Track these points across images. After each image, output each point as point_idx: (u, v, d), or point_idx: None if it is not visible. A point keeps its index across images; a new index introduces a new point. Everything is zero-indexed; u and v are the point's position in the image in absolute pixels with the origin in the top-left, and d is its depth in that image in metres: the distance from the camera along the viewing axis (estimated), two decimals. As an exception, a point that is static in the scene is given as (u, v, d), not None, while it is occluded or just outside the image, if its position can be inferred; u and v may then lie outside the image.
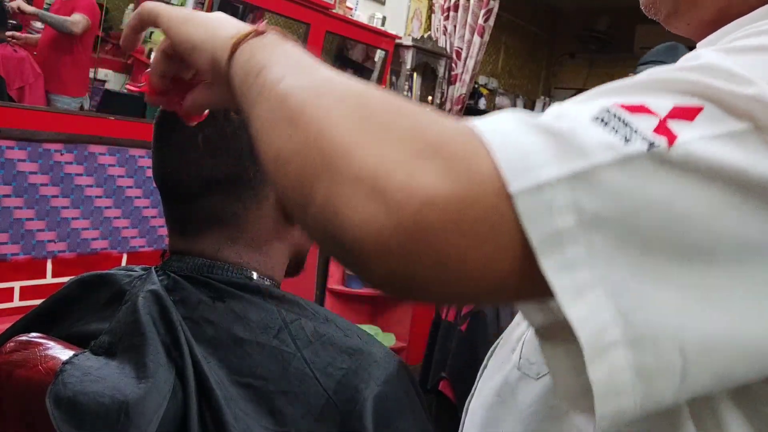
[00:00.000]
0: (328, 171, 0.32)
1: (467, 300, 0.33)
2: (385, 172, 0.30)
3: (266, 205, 0.71)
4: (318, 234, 0.33)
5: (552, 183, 0.29)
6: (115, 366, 0.58)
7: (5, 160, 1.89)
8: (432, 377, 1.95)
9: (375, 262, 0.31)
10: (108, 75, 2.41)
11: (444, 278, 0.31)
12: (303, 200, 0.33)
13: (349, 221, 0.31)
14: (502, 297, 0.34)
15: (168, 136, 0.69)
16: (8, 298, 1.96)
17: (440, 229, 0.29)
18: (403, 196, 0.30)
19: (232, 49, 0.45)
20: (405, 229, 0.29)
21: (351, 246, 0.31)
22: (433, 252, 0.30)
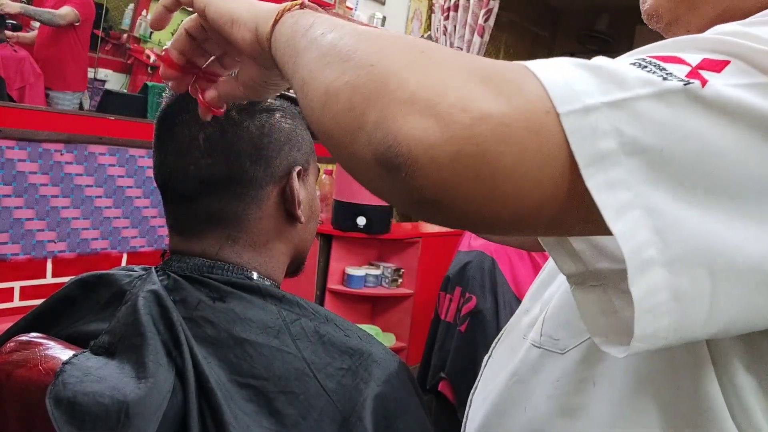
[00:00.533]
0: (381, 95, 0.33)
1: (507, 222, 0.34)
2: (440, 92, 0.32)
3: (267, 206, 0.71)
4: (369, 158, 0.34)
5: (597, 107, 0.32)
6: (115, 366, 0.58)
7: (5, 160, 1.89)
8: (431, 377, 1.95)
9: (426, 174, 0.32)
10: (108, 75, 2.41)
11: (491, 192, 0.32)
12: (353, 129, 0.34)
13: (403, 136, 0.32)
14: (541, 217, 0.34)
15: (169, 135, 0.69)
16: (8, 298, 1.96)
17: (492, 141, 0.31)
18: (456, 112, 0.31)
19: (277, 17, 0.47)
20: (457, 142, 0.31)
21: (403, 161, 0.32)
22: (484, 164, 0.31)
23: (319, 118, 0.38)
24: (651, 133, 0.32)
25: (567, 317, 0.56)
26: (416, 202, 0.33)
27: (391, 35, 0.38)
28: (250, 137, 0.68)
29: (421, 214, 0.35)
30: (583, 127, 0.31)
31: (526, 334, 0.64)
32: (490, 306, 1.80)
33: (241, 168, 0.68)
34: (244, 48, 0.51)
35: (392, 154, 0.32)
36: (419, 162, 0.32)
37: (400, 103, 0.33)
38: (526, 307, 0.69)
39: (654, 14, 0.54)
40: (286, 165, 0.71)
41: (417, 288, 2.92)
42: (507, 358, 0.66)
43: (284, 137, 0.70)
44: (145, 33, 2.45)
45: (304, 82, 0.40)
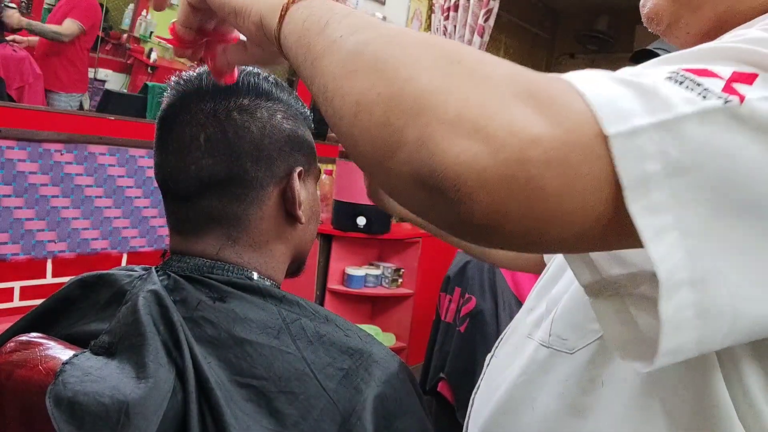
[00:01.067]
0: (421, 113, 0.32)
1: (551, 242, 0.34)
2: (485, 113, 0.31)
3: (267, 206, 0.71)
4: (406, 177, 0.33)
5: (644, 129, 0.31)
6: (115, 366, 0.58)
7: (5, 160, 1.89)
8: (431, 378, 1.95)
9: (476, 199, 0.31)
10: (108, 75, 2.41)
11: (540, 215, 0.32)
12: (389, 145, 0.33)
13: (450, 160, 0.31)
14: (585, 237, 0.34)
15: (170, 135, 0.69)
16: (8, 298, 1.96)
17: (543, 166, 0.31)
18: (506, 135, 0.31)
19: (283, 11, 0.45)
20: (510, 167, 0.31)
21: (450, 184, 0.31)
22: (535, 188, 0.31)
23: (349, 131, 0.36)
24: (693, 154, 0.32)
25: (576, 318, 0.57)
26: (461, 225, 0.33)
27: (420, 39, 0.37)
28: (252, 138, 0.68)
29: (467, 236, 0.34)
30: (630, 150, 0.31)
31: (531, 333, 0.64)
32: (490, 307, 1.80)
33: (242, 168, 0.68)
34: (250, 39, 0.50)
35: (438, 178, 0.31)
36: (469, 187, 0.31)
37: (444, 124, 0.32)
38: (530, 305, 0.69)
39: (654, 17, 0.54)
40: (287, 166, 0.71)
41: (417, 288, 2.92)
42: (511, 357, 0.66)
43: (285, 138, 0.70)
44: (145, 33, 2.45)
45: (326, 89, 0.39)
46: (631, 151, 0.31)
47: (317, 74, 0.40)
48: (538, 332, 0.62)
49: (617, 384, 0.52)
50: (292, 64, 0.45)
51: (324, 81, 0.39)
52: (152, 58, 2.51)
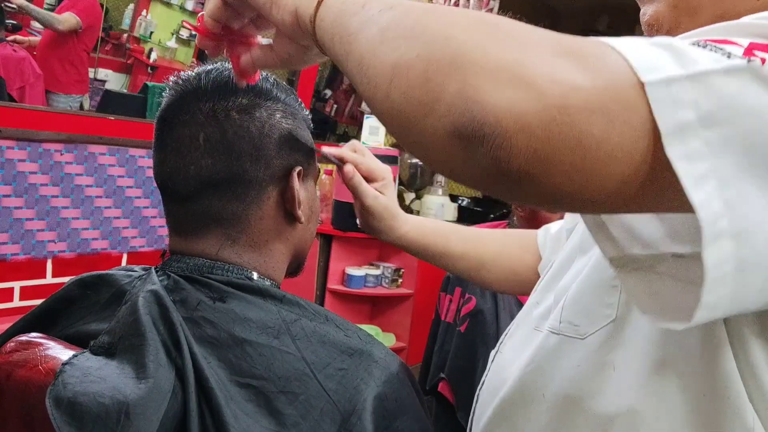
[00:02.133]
0: (462, 67, 0.33)
1: (590, 196, 0.35)
2: (527, 64, 0.33)
3: (267, 206, 0.71)
4: (445, 131, 0.34)
5: (678, 79, 0.33)
6: (115, 366, 0.58)
7: (5, 160, 1.89)
8: (431, 378, 1.95)
9: (516, 144, 0.32)
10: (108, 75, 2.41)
11: (581, 161, 0.33)
12: (427, 102, 0.34)
13: (490, 106, 0.32)
14: (623, 190, 0.35)
15: (169, 135, 0.69)
16: (8, 298, 1.96)
17: (583, 112, 0.32)
18: (547, 83, 0.32)
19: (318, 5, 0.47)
20: (550, 113, 0.32)
21: (489, 131, 0.32)
22: (575, 134, 0.32)
23: (386, 95, 0.37)
24: (723, 106, 0.33)
25: (587, 303, 0.57)
26: (501, 175, 0.33)
27: (457, 9, 0.38)
28: (251, 137, 0.68)
29: (501, 188, 0.35)
30: (665, 97, 0.33)
31: (538, 326, 0.65)
32: (490, 307, 1.79)
33: (242, 168, 0.68)
34: (284, 30, 0.52)
35: (477, 125, 0.32)
36: (509, 132, 0.32)
37: (484, 75, 0.32)
38: (536, 300, 0.70)
39: (654, 23, 0.55)
40: (286, 165, 0.71)
41: (417, 288, 2.92)
42: (518, 350, 0.67)
43: (284, 137, 0.70)
44: (145, 33, 2.45)
45: (362, 60, 0.40)
46: (667, 98, 0.32)
47: (353, 49, 0.42)
48: (546, 323, 0.63)
49: (628, 368, 0.52)
50: (325, 47, 0.47)
51: (360, 53, 0.40)
52: (152, 58, 2.51)
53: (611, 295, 0.55)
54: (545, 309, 0.65)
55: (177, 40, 2.52)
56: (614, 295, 0.55)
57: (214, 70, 0.69)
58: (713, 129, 0.33)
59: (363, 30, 0.41)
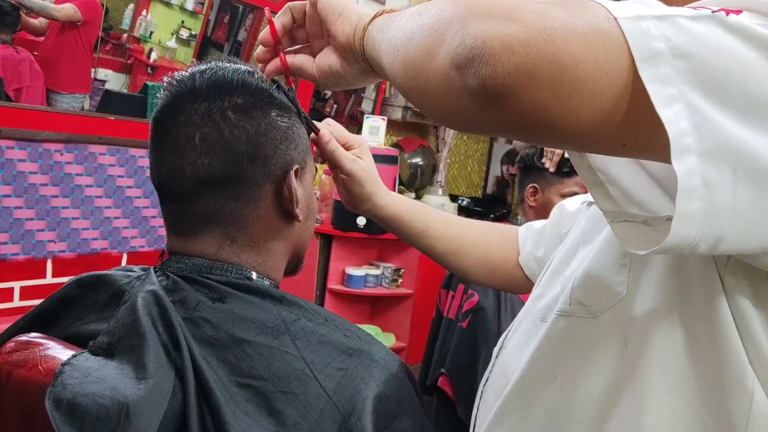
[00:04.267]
0: (462, 15, 0.39)
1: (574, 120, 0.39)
2: (517, 7, 0.38)
3: (264, 205, 0.70)
4: (446, 66, 0.39)
5: (647, 17, 0.38)
6: (115, 366, 0.58)
7: (5, 160, 1.89)
8: (432, 374, 1.95)
9: (499, 59, 0.36)
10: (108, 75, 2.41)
11: (558, 78, 0.37)
12: (433, 46, 0.41)
13: (481, 34, 0.37)
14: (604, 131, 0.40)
15: (165, 135, 0.69)
16: (8, 298, 1.96)
17: (561, 33, 0.36)
18: (529, 14, 0.37)
19: (375, 16, 0.59)
20: (530, 33, 0.36)
21: (478, 51, 0.37)
22: (553, 50, 0.36)
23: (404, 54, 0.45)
24: (692, 43, 0.37)
25: (597, 283, 0.60)
26: (487, 94, 0.37)
27: None
28: (247, 136, 0.68)
29: (490, 111, 0.39)
30: (637, 30, 0.37)
31: (544, 316, 0.67)
32: (492, 304, 1.79)
33: (239, 167, 0.68)
34: (339, 38, 0.63)
35: (468, 50, 0.37)
36: (493, 50, 0.36)
37: (481, 15, 0.38)
38: (539, 293, 0.71)
39: None
40: (283, 164, 0.71)
41: (417, 288, 2.92)
42: (524, 343, 0.68)
43: (281, 136, 0.70)
44: (145, 33, 2.45)
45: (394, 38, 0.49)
46: (638, 30, 0.37)
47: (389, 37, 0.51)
48: (552, 312, 0.64)
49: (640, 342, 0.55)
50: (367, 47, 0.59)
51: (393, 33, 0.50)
52: (152, 58, 2.50)
53: (621, 274, 0.57)
54: (551, 299, 0.67)
55: (177, 40, 2.52)
56: (623, 273, 0.57)
57: (209, 69, 0.69)
58: (683, 60, 0.37)
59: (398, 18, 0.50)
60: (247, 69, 0.71)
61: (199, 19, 2.57)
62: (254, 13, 2.78)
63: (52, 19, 2.23)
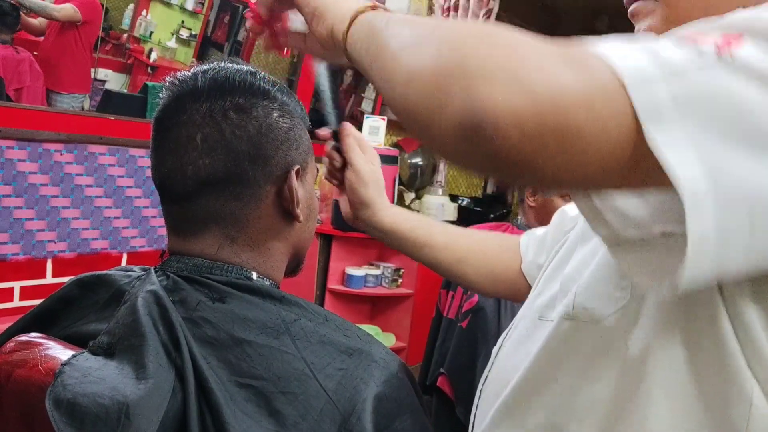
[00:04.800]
0: (465, 72, 0.38)
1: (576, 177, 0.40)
2: (521, 67, 0.37)
3: (265, 205, 0.71)
4: (450, 129, 0.38)
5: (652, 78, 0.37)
6: (115, 366, 0.58)
7: (5, 160, 1.89)
8: (431, 373, 1.96)
9: (510, 131, 0.36)
10: (108, 75, 2.41)
11: (567, 149, 0.37)
12: (437, 104, 0.39)
13: (490, 106, 0.36)
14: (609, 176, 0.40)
15: (166, 135, 0.69)
16: (8, 298, 1.96)
17: (571, 106, 0.36)
18: (539, 82, 0.36)
19: (352, 19, 0.55)
20: (541, 105, 0.36)
21: (488, 124, 0.36)
22: (563, 123, 0.36)
23: (404, 97, 0.42)
24: (697, 90, 0.37)
25: (601, 289, 0.60)
26: (501, 163, 0.38)
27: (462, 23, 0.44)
28: (248, 136, 0.68)
29: (504, 173, 0.40)
30: (643, 88, 0.37)
31: (543, 315, 0.67)
32: (492, 303, 1.80)
33: (240, 167, 0.68)
34: (317, 37, 0.61)
35: (478, 121, 0.36)
36: (504, 123, 0.36)
37: (487, 78, 0.37)
38: (538, 291, 0.71)
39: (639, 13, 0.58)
40: (284, 164, 0.71)
41: (417, 288, 2.92)
42: (523, 343, 0.68)
43: (282, 136, 0.70)
44: (145, 33, 2.45)
45: (384, 68, 0.46)
46: (643, 85, 0.37)
47: (378, 59, 0.48)
48: (552, 312, 0.64)
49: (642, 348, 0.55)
50: (353, 58, 0.55)
51: (383, 62, 0.47)
52: (152, 58, 2.51)
53: (623, 279, 0.57)
54: (549, 298, 0.67)
55: (177, 40, 2.52)
56: (626, 278, 0.57)
57: (211, 69, 0.69)
58: (688, 107, 0.37)
59: (386, 46, 0.47)
60: (249, 69, 0.71)
61: (199, 19, 2.57)
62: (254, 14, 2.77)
63: (52, 19, 2.23)
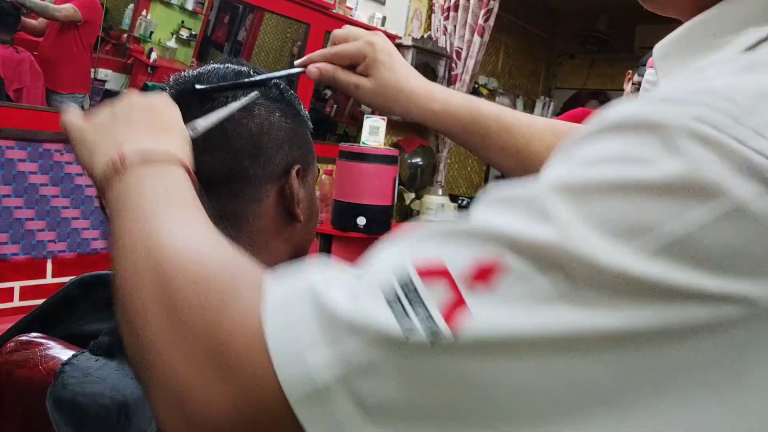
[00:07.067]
0: (150, 374, 0.34)
1: None
2: (183, 386, 0.32)
3: (266, 204, 0.70)
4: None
5: (327, 390, 0.29)
6: (115, 366, 0.58)
7: (5, 160, 1.89)
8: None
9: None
10: (108, 75, 2.41)
11: None
12: (139, 380, 0.37)
13: (165, 421, 0.33)
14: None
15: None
16: (8, 298, 1.96)
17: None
18: (198, 412, 0.32)
19: (100, 188, 0.46)
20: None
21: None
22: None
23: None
24: (395, 395, 0.29)
25: None
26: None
27: (160, 261, 0.37)
28: (250, 135, 0.68)
29: None
30: (316, 411, 0.29)
31: None
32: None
33: (240, 166, 0.68)
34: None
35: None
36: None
37: (160, 392, 0.34)
38: None
39: None
40: (285, 163, 0.71)
41: (417, 288, 2.90)
42: None
43: (284, 136, 0.70)
44: (145, 33, 2.45)
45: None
46: (317, 411, 0.29)
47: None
48: None
49: None
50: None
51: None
52: (152, 58, 2.50)
53: None
54: None
55: (177, 40, 2.52)
56: None
57: (213, 69, 0.69)
58: (384, 422, 0.29)
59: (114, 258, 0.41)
60: (252, 69, 0.71)
61: (199, 19, 2.57)
62: (254, 13, 2.78)
63: (52, 19, 2.23)
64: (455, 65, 3.69)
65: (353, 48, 0.69)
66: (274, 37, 2.95)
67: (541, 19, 5.19)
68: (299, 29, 2.90)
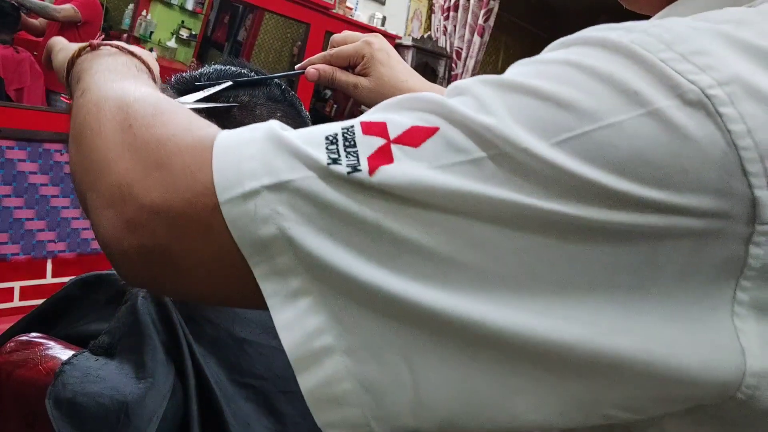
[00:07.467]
0: (94, 183, 0.36)
1: (207, 300, 0.38)
2: (126, 185, 0.34)
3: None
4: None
5: (257, 191, 0.30)
6: (115, 366, 0.58)
7: (5, 160, 1.89)
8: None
9: (120, 264, 0.35)
10: (108, 75, 2.41)
11: (177, 280, 0.34)
12: (85, 208, 0.38)
13: (102, 229, 0.35)
14: (232, 301, 0.36)
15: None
16: (8, 298, 1.96)
17: (167, 237, 0.33)
18: (135, 208, 0.33)
19: (68, 66, 0.53)
20: (138, 237, 0.33)
21: (105, 251, 0.36)
22: (162, 256, 0.33)
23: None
24: (312, 217, 0.30)
25: None
26: (125, 280, 0.37)
27: (120, 97, 0.40)
28: None
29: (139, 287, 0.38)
30: (242, 215, 0.30)
31: None
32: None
33: None
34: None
35: (101, 245, 0.36)
36: (113, 253, 0.35)
37: (102, 193, 0.35)
38: None
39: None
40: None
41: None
42: None
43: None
44: (145, 33, 2.46)
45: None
46: (243, 216, 0.30)
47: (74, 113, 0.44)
48: None
49: None
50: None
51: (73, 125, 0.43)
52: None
53: None
54: None
55: (177, 40, 2.52)
56: None
57: (214, 69, 0.69)
58: (302, 240, 0.29)
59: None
60: (252, 69, 0.71)
61: (199, 19, 2.57)
62: (254, 13, 2.78)
63: (52, 19, 2.23)
64: (455, 65, 3.69)
65: (351, 48, 0.71)
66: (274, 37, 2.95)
67: (541, 19, 5.20)
68: (299, 29, 2.90)
